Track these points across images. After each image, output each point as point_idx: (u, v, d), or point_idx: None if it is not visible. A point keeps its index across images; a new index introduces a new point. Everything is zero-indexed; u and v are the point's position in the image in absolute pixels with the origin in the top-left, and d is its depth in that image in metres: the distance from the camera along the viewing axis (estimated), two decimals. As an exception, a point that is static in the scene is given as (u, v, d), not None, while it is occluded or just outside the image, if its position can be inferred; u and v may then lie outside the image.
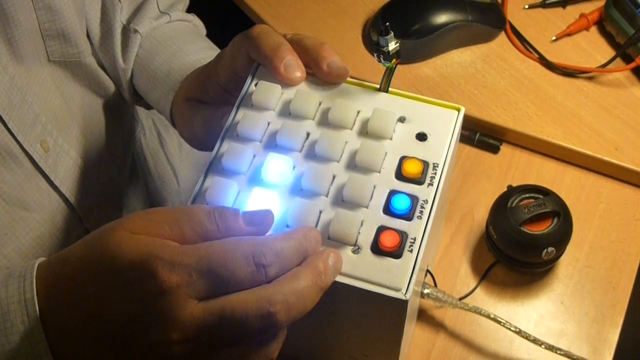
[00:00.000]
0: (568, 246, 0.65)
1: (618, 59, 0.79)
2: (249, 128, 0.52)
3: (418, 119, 0.53)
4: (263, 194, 0.49)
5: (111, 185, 0.76)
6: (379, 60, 0.53)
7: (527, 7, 0.85)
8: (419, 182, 0.50)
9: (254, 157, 0.51)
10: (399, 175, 0.50)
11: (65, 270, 0.44)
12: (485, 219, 0.68)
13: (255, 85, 0.54)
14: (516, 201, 0.64)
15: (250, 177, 0.51)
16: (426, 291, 0.59)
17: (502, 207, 0.64)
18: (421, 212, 0.49)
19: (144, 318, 0.41)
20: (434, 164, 0.51)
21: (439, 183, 0.50)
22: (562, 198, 0.64)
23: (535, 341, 0.60)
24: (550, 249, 0.63)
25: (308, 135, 0.52)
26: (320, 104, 0.53)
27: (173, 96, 0.68)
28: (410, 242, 0.48)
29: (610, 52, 0.80)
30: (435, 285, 0.62)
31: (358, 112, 0.53)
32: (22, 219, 0.63)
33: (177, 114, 0.68)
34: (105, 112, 0.75)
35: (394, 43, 0.52)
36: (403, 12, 0.80)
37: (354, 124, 0.52)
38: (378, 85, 0.54)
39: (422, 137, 0.52)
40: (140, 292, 0.41)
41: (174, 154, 0.87)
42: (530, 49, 0.81)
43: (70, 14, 0.63)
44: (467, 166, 0.75)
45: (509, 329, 0.60)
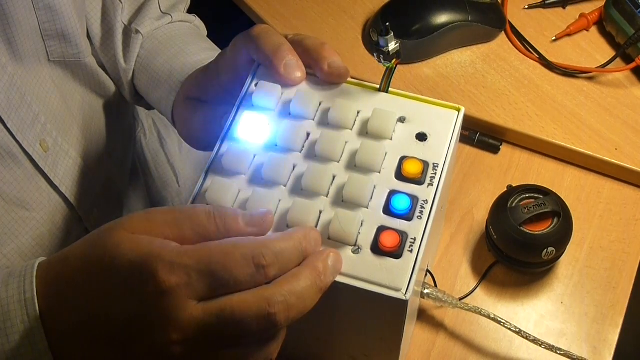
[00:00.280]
0: (568, 246, 0.65)
1: (618, 59, 0.79)
2: (249, 128, 0.52)
3: (418, 119, 0.53)
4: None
5: (111, 185, 0.76)
6: (379, 60, 0.53)
7: (527, 7, 0.85)
8: (419, 182, 0.50)
9: (254, 157, 0.51)
10: (399, 176, 0.50)
11: (65, 270, 0.44)
12: (485, 219, 0.68)
13: (256, 85, 0.54)
14: (516, 201, 0.64)
15: (251, 177, 0.51)
16: (426, 291, 0.59)
17: (502, 207, 0.64)
18: (421, 212, 0.49)
19: (143, 318, 0.41)
20: (434, 164, 0.51)
21: (439, 183, 0.50)
22: (562, 198, 0.64)
23: (535, 341, 0.60)
24: (550, 249, 0.63)
25: (308, 135, 0.52)
26: (320, 104, 0.53)
27: (174, 96, 0.68)
28: (410, 242, 0.48)
29: (610, 52, 0.80)
30: (435, 285, 0.62)
31: (358, 112, 0.53)
32: (22, 218, 0.63)
33: (177, 114, 0.68)
34: (106, 112, 0.75)
35: (394, 43, 0.52)
36: (403, 12, 0.80)
37: (354, 124, 0.52)
38: (378, 85, 0.54)
39: (422, 137, 0.52)
40: (139, 292, 0.41)
41: (174, 154, 0.87)
42: (530, 49, 0.81)
43: (70, 14, 0.63)
44: (467, 166, 0.75)
45: (509, 329, 0.60)
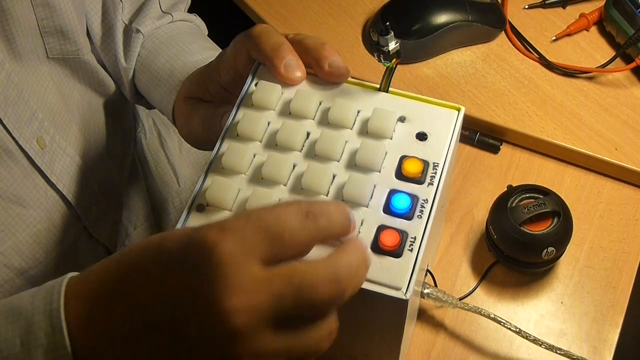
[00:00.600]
0: (568, 246, 0.65)
1: (618, 59, 0.79)
2: (249, 128, 0.52)
3: (418, 118, 0.53)
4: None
5: (110, 183, 0.76)
6: (379, 60, 0.53)
7: (527, 7, 0.85)
8: (419, 181, 0.50)
9: (254, 156, 0.51)
10: (399, 175, 0.50)
11: (109, 271, 0.41)
12: (485, 219, 0.68)
13: (256, 84, 0.54)
14: (516, 201, 0.64)
15: (251, 177, 0.51)
16: (426, 291, 0.59)
17: (502, 207, 0.64)
18: (421, 211, 0.49)
19: (197, 290, 0.37)
20: (434, 163, 0.51)
21: (439, 182, 0.50)
22: (562, 198, 0.64)
23: (535, 341, 0.60)
24: (550, 249, 0.63)
25: (308, 134, 0.52)
26: (320, 104, 0.53)
27: (175, 96, 0.68)
28: (411, 242, 0.48)
29: (610, 52, 0.80)
30: (435, 285, 0.62)
31: (358, 112, 0.53)
32: (19, 215, 0.63)
33: (177, 113, 0.68)
34: (105, 110, 0.75)
35: (394, 43, 0.52)
36: (403, 12, 0.80)
37: (354, 124, 0.52)
38: (378, 85, 0.54)
39: (422, 136, 0.52)
40: (192, 264, 0.38)
41: (174, 153, 0.87)
42: (530, 49, 0.81)
43: (68, 10, 0.63)
44: (467, 166, 0.75)
45: (509, 329, 0.60)
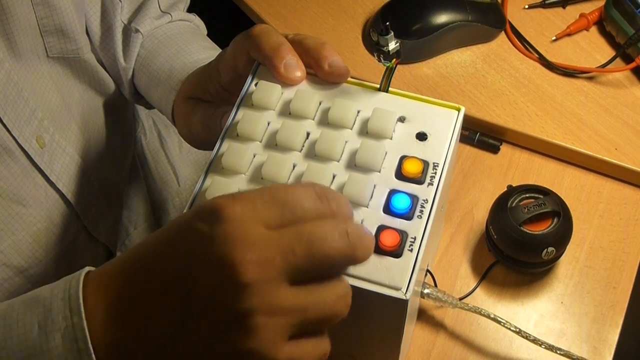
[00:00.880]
0: (568, 246, 0.65)
1: (618, 59, 0.79)
2: (249, 128, 0.52)
3: (418, 118, 0.53)
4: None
5: (110, 183, 0.76)
6: (379, 60, 0.53)
7: (527, 7, 0.85)
8: (419, 181, 0.50)
9: (254, 156, 0.51)
10: (399, 175, 0.50)
11: (126, 259, 0.42)
12: (485, 219, 0.68)
13: (256, 84, 0.54)
14: (516, 201, 0.64)
15: (250, 177, 0.51)
16: (426, 291, 0.59)
17: (502, 207, 0.64)
18: (421, 211, 0.49)
19: (207, 252, 0.39)
20: (434, 163, 0.51)
21: (439, 182, 0.50)
22: (562, 198, 0.64)
23: (535, 341, 0.60)
24: (550, 249, 0.63)
25: (308, 134, 0.52)
26: (320, 104, 0.53)
27: (174, 95, 0.68)
28: (411, 242, 0.48)
29: (610, 52, 0.80)
30: (435, 285, 0.62)
31: (358, 112, 0.53)
32: (19, 214, 0.63)
33: (177, 113, 0.68)
34: (105, 110, 0.75)
35: (394, 43, 0.52)
36: (403, 12, 0.80)
37: (354, 124, 0.52)
38: (378, 85, 0.54)
39: (422, 136, 0.52)
40: (203, 223, 0.39)
41: (174, 153, 0.87)
42: (530, 49, 0.81)
43: (68, 9, 0.63)
44: (467, 166, 0.75)
45: (509, 329, 0.60)
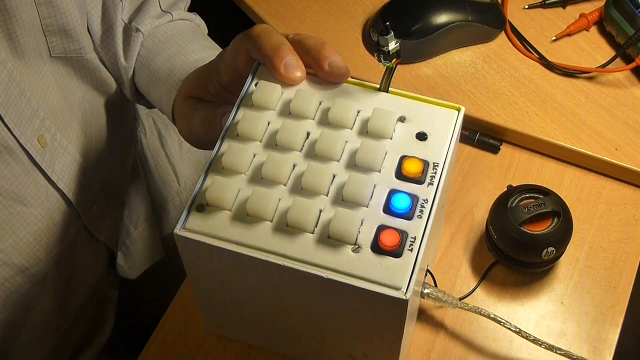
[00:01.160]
0: (568, 246, 0.65)
1: (618, 59, 0.79)
2: (249, 127, 0.52)
3: (418, 118, 0.53)
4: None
5: (111, 182, 0.76)
6: (379, 60, 0.53)
7: (527, 7, 0.85)
8: (419, 181, 0.50)
9: (254, 156, 0.51)
10: (399, 175, 0.50)
11: None
12: (485, 219, 0.68)
13: (256, 84, 0.54)
14: (516, 201, 0.64)
15: (251, 177, 0.51)
16: (426, 291, 0.59)
17: (502, 207, 0.64)
18: (421, 211, 0.49)
19: None
20: (434, 163, 0.51)
21: (439, 182, 0.50)
22: (562, 198, 0.64)
23: (535, 341, 0.60)
24: (550, 249, 0.63)
25: (308, 134, 0.52)
26: (320, 104, 0.53)
27: (175, 95, 0.68)
28: (411, 241, 0.48)
29: (610, 52, 0.80)
30: (435, 285, 0.62)
31: (358, 112, 0.53)
32: (20, 213, 0.63)
33: (177, 112, 0.68)
34: (106, 109, 0.75)
35: (394, 43, 0.52)
36: (403, 12, 0.80)
37: (354, 124, 0.52)
38: (378, 85, 0.54)
39: (422, 136, 0.52)
40: None
41: (174, 153, 0.87)
42: (530, 49, 0.81)
43: (71, 9, 0.63)
44: (467, 166, 0.75)
45: (509, 329, 0.60)
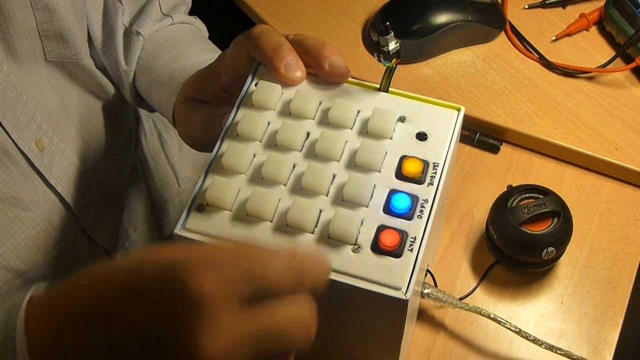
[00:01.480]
0: (568, 246, 0.65)
1: (618, 59, 0.79)
2: (249, 128, 0.52)
3: (418, 118, 0.53)
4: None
5: (109, 185, 0.76)
6: (379, 60, 0.53)
7: (527, 7, 0.85)
8: (419, 181, 0.50)
9: (254, 156, 0.51)
10: (399, 175, 0.50)
11: (79, 294, 0.39)
12: (485, 219, 0.68)
13: (256, 85, 0.54)
14: (516, 201, 0.64)
15: (251, 177, 0.51)
16: (426, 291, 0.59)
17: (502, 207, 0.64)
18: (421, 211, 0.49)
19: (174, 326, 0.36)
20: (434, 163, 0.51)
21: (439, 182, 0.50)
22: (562, 198, 0.64)
23: (535, 341, 0.60)
24: (550, 249, 0.63)
25: (308, 134, 0.52)
26: (320, 104, 0.53)
27: (175, 98, 0.68)
28: (411, 242, 0.48)
29: (610, 52, 0.80)
30: (435, 285, 0.62)
31: (358, 112, 0.53)
32: (18, 217, 0.63)
33: (177, 115, 0.68)
34: (104, 112, 0.75)
35: (394, 43, 0.52)
36: (403, 12, 0.80)
37: (354, 124, 0.52)
38: (378, 85, 0.54)
39: (422, 136, 0.52)
40: (171, 296, 0.36)
41: (174, 154, 0.87)
42: (530, 49, 0.81)
43: (68, 14, 0.63)
44: (467, 166, 0.75)
45: (509, 329, 0.60)
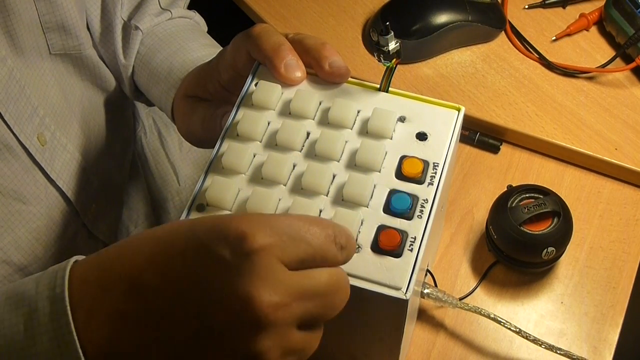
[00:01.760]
0: (568, 246, 0.65)
1: (618, 59, 0.79)
2: (249, 127, 0.52)
3: (418, 118, 0.53)
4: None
5: (110, 181, 0.76)
6: (379, 60, 0.53)
7: (527, 7, 0.85)
8: (419, 181, 0.50)
9: (254, 156, 0.51)
10: (399, 175, 0.50)
11: (123, 257, 0.40)
12: (485, 219, 0.68)
13: (256, 84, 0.54)
14: (516, 201, 0.64)
15: (251, 177, 0.51)
16: (426, 291, 0.59)
17: (502, 207, 0.64)
18: (421, 211, 0.49)
19: (231, 279, 0.37)
20: (434, 163, 0.51)
21: (439, 182, 0.50)
22: (562, 198, 0.64)
23: (535, 341, 0.60)
24: (550, 249, 0.63)
25: (308, 134, 0.52)
26: (320, 104, 0.53)
27: (174, 93, 0.68)
28: (411, 241, 0.48)
29: (610, 52, 0.80)
30: (435, 285, 0.62)
31: (358, 112, 0.53)
32: (19, 211, 0.63)
33: (176, 111, 0.68)
34: (106, 107, 0.75)
35: (394, 43, 0.52)
36: (403, 12, 0.80)
37: (354, 124, 0.52)
38: (378, 85, 0.54)
39: (422, 136, 0.52)
40: (226, 251, 0.37)
41: (174, 152, 0.87)
42: (530, 49, 0.81)
43: (69, 4, 0.63)
44: (467, 166, 0.75)
45: (509, 329, 0.60)
